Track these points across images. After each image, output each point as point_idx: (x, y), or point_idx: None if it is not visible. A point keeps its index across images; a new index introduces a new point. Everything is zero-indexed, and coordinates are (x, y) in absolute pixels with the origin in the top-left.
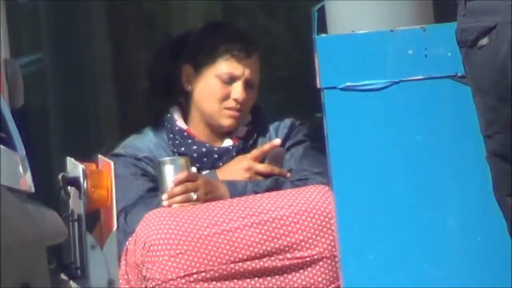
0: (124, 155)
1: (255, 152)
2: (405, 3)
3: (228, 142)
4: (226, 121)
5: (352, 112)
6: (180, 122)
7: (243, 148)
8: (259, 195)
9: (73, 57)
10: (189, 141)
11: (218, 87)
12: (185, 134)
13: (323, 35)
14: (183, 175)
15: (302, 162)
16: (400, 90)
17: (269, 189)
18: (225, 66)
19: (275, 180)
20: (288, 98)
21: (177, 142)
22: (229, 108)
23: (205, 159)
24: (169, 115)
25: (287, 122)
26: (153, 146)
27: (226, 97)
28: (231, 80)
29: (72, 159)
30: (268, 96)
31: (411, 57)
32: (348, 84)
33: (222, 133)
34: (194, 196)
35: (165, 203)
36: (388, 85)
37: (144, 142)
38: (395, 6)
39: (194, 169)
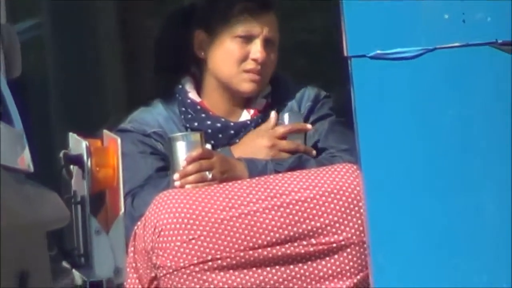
0: (131, 130)
1: (280, 129)
2: None
3: (245, 116)
4: (246, 86)
5: (382, 82)
6: (192, 94)
7: (262, 122)
8: (280, 174)
9: (75, 23)
10: (203, 115)
11: (235, 48)
12: (198, 107)
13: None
14: (196, 152)
15: (328, 138)
16: (434, 58)
17: (292, 168)
18: (241, 25)
19: (298, 158)
20: (311, 66)
21: (190, 116)
22: (248, 71)
23: (220, 135)
24: (180, 86)
25: (311, 93)
26: (163, 120)
27: (245, 58)
28: (248, 39)
29: (75, 135)
30: (288, 63)
31: (446, 22)
32: (378, 52)
33: (239, 106)
34: (209, 175)
35: (177, 183)
36: (421, 53)
37: (153, 115)
38: None
39: (208, 146)
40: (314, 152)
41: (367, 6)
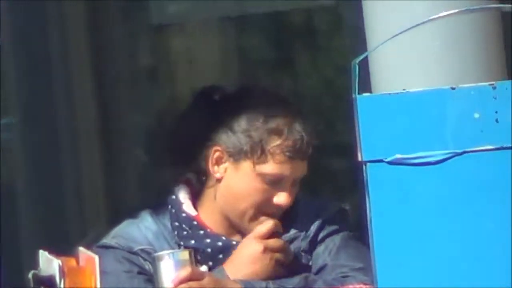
0: (116, 247)
1: (261, 230)
2: (470, 54)
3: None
4: (259, 227)
5: (402, 191)
6: (187, 207)
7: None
8: None
9: (49, 118)
10: (201, 232)
11: (260, 190)
12: (195, 223)
13: (365, 94)
14: (185, 272)
15: (339, 256)
16: (463, 163)
17: None
18: (273, 165)
19: (304, 279)
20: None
21: (185, 233)
22: (267, 214)
23: (221, 256)
24: (173, 196)
25: (324, 207)
26: (153, 236)
27: (265, 202)
28: (276, 181)
29: (46, 253)
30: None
31: (477, 122)
32: (398, 156)
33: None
34: None
35: None
36: (448, 157)
37: (141, 230)
38: (457, 57)
39: (204, 268)
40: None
41: (385, 102)
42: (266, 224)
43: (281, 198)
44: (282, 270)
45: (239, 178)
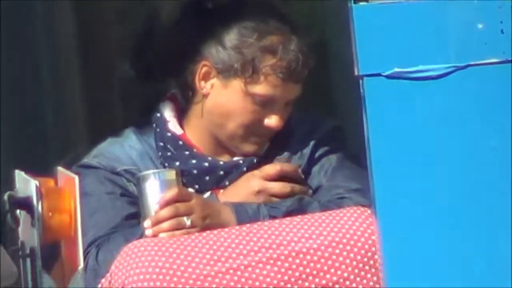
0: (98, 166)
1: (269, 170)
2: None
3: (239, 156)
4: (249, 148)
5: (402, 107)
6: (173, 125)
7: (259, 162)
8: (277, 221)
9: (30, 31)
10: (186, 152)
11: (250, 110)
12: (180, 142)
13: (362, 3)
14: (171, 193)
15: (335, 176)
16: (466, 77)
17: (291, 213)
18: (265, 86)
19: (298, 200)
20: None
21: (169, 153)
22: (257, 135)
23: (207, 178)
24: (157, 113)
25: (316, 125)
26: (137, 155)
27: (256, 123)
28: (268, 103)
29: (22, 173)
30: None
31: (481, 34)
32: (397, 70)
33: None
34: (187, 221)
35: (148, 231)
36: (451, 71)
37: (125, 149)
38: None
39: (191, 191)
40: (310, 191)
41: (383, 12)
42: (275, 166)
43: (272, 121)
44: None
45: (228, 96)
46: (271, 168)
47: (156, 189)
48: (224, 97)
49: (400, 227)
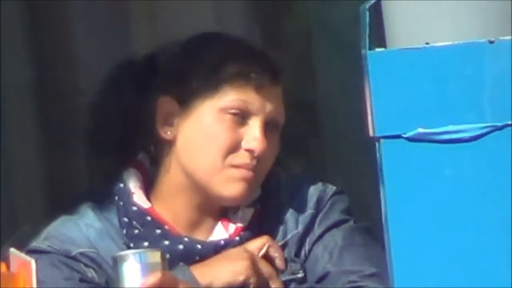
0: (49, 251)
1: (255, 245)
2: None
3: (220, 233)
4: (233, 189)
5: (426, 175)
6: (138, 197)
7: (241, 242)
8: None
9: None
10: (157, 231)
11: (223, 130)
12: (148, 218)
13: (379, 49)
14: (154, 278)
15: (344, 259)
16: (504, 139)
17: None
18: (235, 95)
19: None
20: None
21: (136, 231)
22: (238, 166)
23: (181, 264)
24: (121, 184)
25: (313, 193)
26: (96, 235)
27: (235, 146)
28: (243, 118)
29: None
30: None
31: None
32: (420, 131)
33: (211, 215)
34: None
35: None
36: (486, 132)
37: (81, 229)
38: (494, 3)
39: None
40: (302, 274)
41: (405, 60)
42: (262, 239)
43: (252, 141)
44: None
45: (195, 125)
46: (257, 243)
47: (135, 273)
48: (194, 129)
49: None
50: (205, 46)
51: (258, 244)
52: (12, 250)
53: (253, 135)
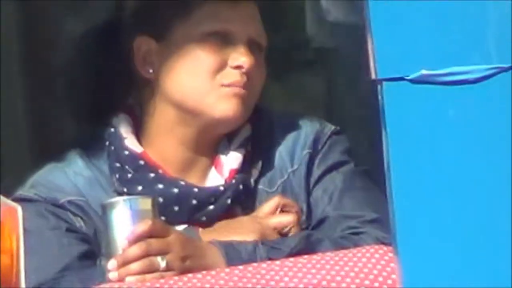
0: (35, 199)
1: (267, 208)
2: None
3: (215, 178)
4: (226, 107)
5: (430, 118)
6: (130, 141)
7: (245, 189)
8: (278, 262)
9: None
10: (151, 174)
11: (206, 52)
12: (141, 162)
13: None
14: (143, 226)
15: (344, 203)
16: (511, 81)
17: (296, 254)
18: (212, 17)
19: (305, 238)
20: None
21: (129, 175)
22: (229, 85)
23: (177, 208)
24: (112, 129)
25: (309, 131)
26: (85, 183)
27: (221, 66)
28: (224, 40)
29: None
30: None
31: None
32: (424, 72)
33: (205, 158)
34: (162, 262)
35: (113, 274)
36: (492, 73)
37: (69, 176)
38: None
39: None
40: (303, 218)
41: (405, 3)
42: (274, 200)
43: (238, 58)
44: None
45: (177, 57)
46: (269, 205)
47: (125, 221)
48: (176, 57)
49: (427, 270)
50: None
51: (272, 206)
52: None
53: (238, 51)
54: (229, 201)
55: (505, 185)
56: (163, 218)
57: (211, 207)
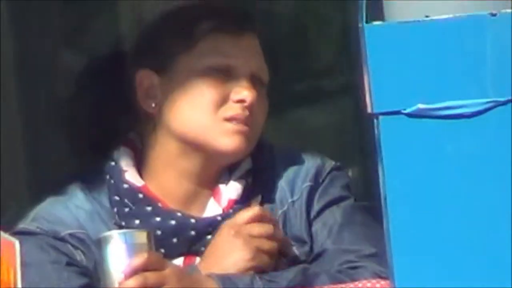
0: (37, 232)
1: (243, 214)
2: None
3: (213, 208)
4: (229, 141)
5: (426, 153)
6: (131, 175)
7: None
8: None
9: None
10: (148, 208)
11: (208, 86)
12: (141, 195)
13: (377, 22)
14: (140, 259)
15: (343, 237)
16: (506, 115)
17: (293, 287)
18: (214, 51)
19: (301, 272)
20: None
21: (127, 210)
22: (231, 118)
23: (175, 240)
24: (112, 162)
25: (311, 166)
26: (86, 216)
27: (224, 100)
28: (226, 74)
29: None
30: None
31: None
32: (421, 106)
33: (204, 190)
34: None
35: None
36: (489, 107)
37: (70, 210)
38: None
39: None
40: (294, 249)
41: (402, 35)
42: (252, 209)
43: (241, 92)
44: (269, 261)
45: (181, 89)
46: (246, 212)
47: (121, 254)
48: (178, 91)
49: None
50: (176, 11)
51: (250, 215)
52: None
53: (241, 86)
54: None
55: (505, 219)
56: (162, 250)
57: (209, 237)
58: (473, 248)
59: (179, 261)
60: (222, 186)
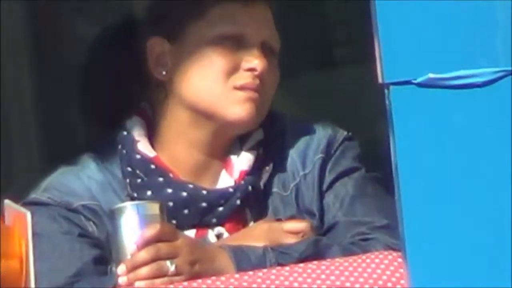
0: (49, 203)
1: (293, 227)
2: None
3: (225, 180)
4: (239, 110)
5: (437, 122)
6: (143, 145)
7: (255, 190)
8: (287, 268)
9: None
10: (160, 179)
11: (219, 54)
12: (153, 166)
13: None
14: (152, 230)
15: (355, 209)
16: None
17: (305, 259)
18: (225, 20)
19: (314, 243)
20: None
21: (139, 180)
22: (242, 87)
23: (186, 211)
24: (124, 132)
25: (322, 137)
26: (98, 187)
27: (234, 69)
28: (237, 43)
29: None
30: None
31: None
32: (431, 76)
33: (216, 161)
34: (171, 266)
35: (122, 279)
36: (500, 76)
37: (82, 180)
38: None
39: None
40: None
41: (413, 6)
42: (296, 223)
43: (252, 61)
44: None
45: (191, 58)
46: (294, 224)
47: (133, 226)
48: (189, 59)
49: (435, 275)
50: None
51: (297, 228)
52: (7, 201)
53: (251, 54)
54: (238, 202)
55: None
56: (173, 221)
57: (221, 208)
58: (483, 222)
59: (191, 233)
60: (233, 157)
